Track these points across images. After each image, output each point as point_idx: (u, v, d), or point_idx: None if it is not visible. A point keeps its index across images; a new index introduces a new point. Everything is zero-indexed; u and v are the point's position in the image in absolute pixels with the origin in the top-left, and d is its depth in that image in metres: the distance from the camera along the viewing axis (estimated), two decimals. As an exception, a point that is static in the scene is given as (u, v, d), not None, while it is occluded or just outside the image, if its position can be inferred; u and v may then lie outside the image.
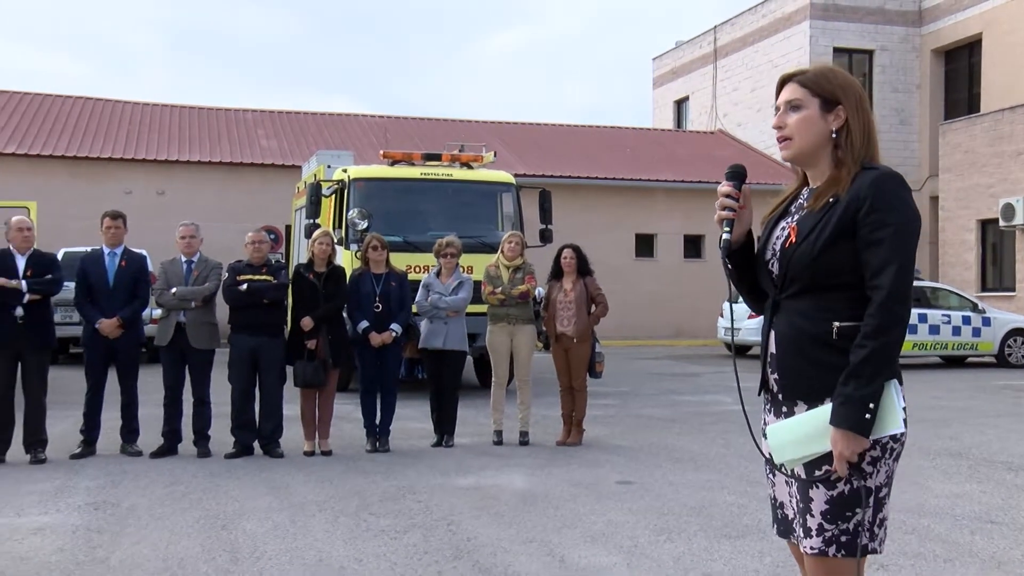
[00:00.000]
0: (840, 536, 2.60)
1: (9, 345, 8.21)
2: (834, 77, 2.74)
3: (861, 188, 2.60)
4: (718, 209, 2.80)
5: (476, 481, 7.48)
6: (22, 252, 8.37)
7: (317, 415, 8.67)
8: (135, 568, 5.11)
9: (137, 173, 23.72)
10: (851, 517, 2.60)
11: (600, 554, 5.42)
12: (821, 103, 2.71)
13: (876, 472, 2.60)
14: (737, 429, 10.10)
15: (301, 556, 5.34)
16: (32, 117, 25.73)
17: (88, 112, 26.84)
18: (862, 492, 2.59)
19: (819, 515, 2.62)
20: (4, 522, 6.15)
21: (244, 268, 8.55)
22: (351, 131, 27.78)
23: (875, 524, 2.63)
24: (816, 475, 2.62)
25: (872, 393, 2.52)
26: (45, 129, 25.04)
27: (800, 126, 2.72)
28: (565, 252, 9.39)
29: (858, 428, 2.51)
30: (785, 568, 5.04)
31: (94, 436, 8.51)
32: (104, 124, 26.11)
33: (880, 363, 2.52)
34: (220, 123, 27.59)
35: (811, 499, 2.63)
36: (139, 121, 26.76)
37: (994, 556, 5.46)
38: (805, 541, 2.65)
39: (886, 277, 2.53)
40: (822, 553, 2.62)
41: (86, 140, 24.72)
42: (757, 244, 2.86)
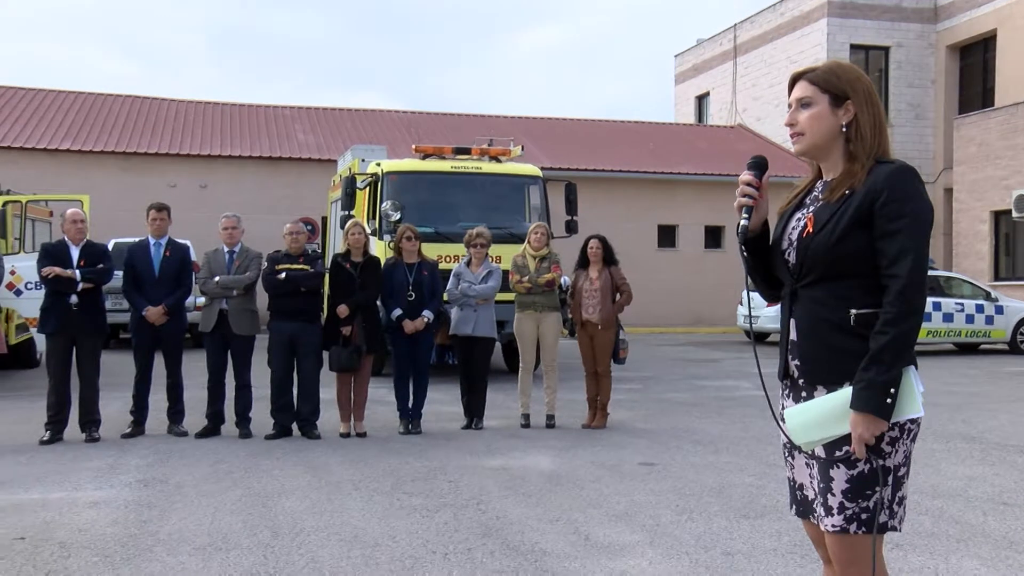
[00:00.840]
0: (860, 514, 2.60)
1: (65, 331, 8.32)
2: (843, 73, 2.72)
3: (877, 181, 2.59)
4: (738, 196, 2.80)
5: (504, 462, 7.49)
6: (76, 243, 8.46)
7: (352, 398, 8.70)
8: (183, 542, 5.16)
9: (181, 167, 23.87)
10: (871, 496, 2.59)
11: (623, 533, 5.42)
12: (831, 99, 2.70)
13: (895, 452, 2.61)
14: (756, 413, 10.07)
15: (338, 532, 5.37)
16: (85, 115, 25.97)
17: (136, 110, 27.05)
18: (880, 471, 2.59)
19: (840, 494, 2.61)
20: (63, 496, 6.24)
21: (282, 258, 8.59)
22: (384, 126, 27.81)
23: (894, 502, 2.63)
24: (836, 455, 2.61)
25: (893, 378, 2.52)
26: (97, 126, 25.27)
27: (811, 122, 2.72)
28: (592, 242, 9.36)
29: (879, 412, 2.52)
30: (802, 547, 5.02)
31: (143, 417, 8.60)
32: (151, 121, 26.31)
33: (900, 349, 2.52)
34: (259, 119, 27.71)
35: (832, 479, 2.63)
36: (183, 118, 26.94)
37: (1006, 536, 5.42)
38: (826, 519, 2.65)
39: (903, 266, 2.53)
40: (843, 530, 2.62)
41: (134, 136, 24.92)
42: (773, 234, 2.86)
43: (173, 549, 5.03)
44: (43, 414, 8.38)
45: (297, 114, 28.62)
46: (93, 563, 4.81)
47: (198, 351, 9.06)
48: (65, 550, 5.04)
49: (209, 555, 4.92)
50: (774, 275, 2.87)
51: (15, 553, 5.00)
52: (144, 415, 8.60)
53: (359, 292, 8.60)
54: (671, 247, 26.97)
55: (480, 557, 4.91)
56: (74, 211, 8.76)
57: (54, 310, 8.33)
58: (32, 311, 9.99)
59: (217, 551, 5.00)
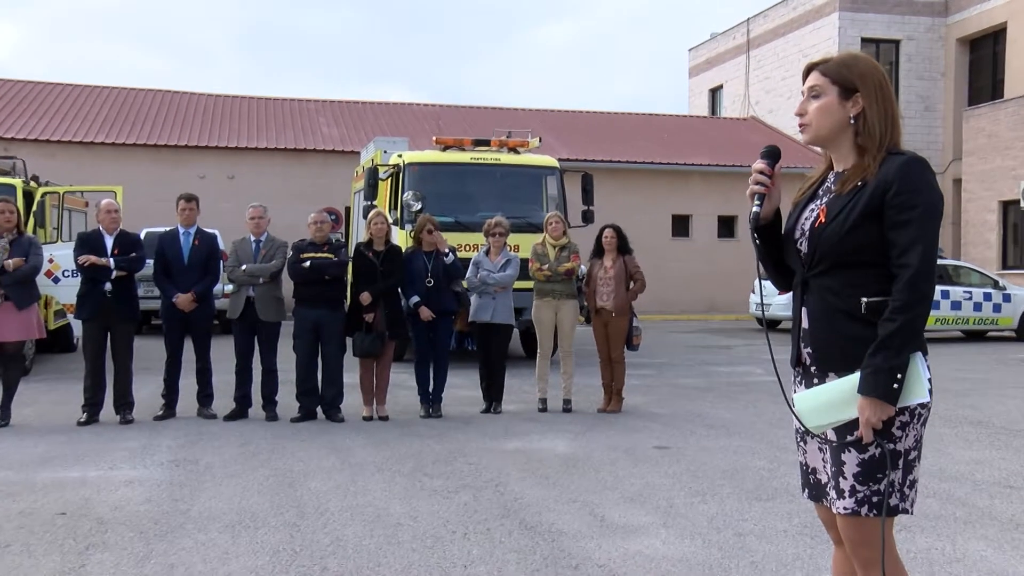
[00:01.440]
0: (871, 497, 2.59)
1: (99, 317, 8.38)
2: (855, 65, 2.69)
3: (889, 172, 2.57)
4: (751, 184, 2.79)
5: (522, 445, 7.49)
6: (110, 232, 8.51)
7: (375, 383, 8.72)
8: (212, 520, 5.19)
9: (210, 159, 23.96)
10: (881, 479, 2.58)
11: (638, 514, 5.41)
12: (840, 91, 2.67)
13: (905, 436, 2.59)
14: (767, 398, 10.03)
15: (361, 512, 5.39)
16: (118, 110, 26.10)
17: (167, 104, 27.16)
18: (891, 455, 2.57)
19: (851, 477, 2.60)
20: (100, 474, 6.31)
21: (307, 247, 8.60)
22: (406, 119, 27.81)
23: (905, 485, 2.61)
24: (848, 440, 2.60)
25: (900, 364, 2.51)
26: (129, 120, 25.40)
27: (818, 113, 2.69)
28: (606, 232, 9.35)
29: (886, 397, 2.50)
30: (812, 528, 5.00)
31: (174, 400, 8.65)
32: (181, 114, 26.42)
33: (908, 336, 2.51)
34: (285, 112, 27.77)
35: (843, 463, 2.62)
36: (212, 111, 27.03)
37: (1012, 519, 5.39)
38: (838, 502, 2.64)
39: (913, 256, 2.51)
40: (854, 513, 2.61)
41: (165, 129, 25.04)
42: (786, 224, 2.84)
43: (203, 527, 5.07)
44: (80, 396, 8.46)
45: (321, 107, 28.66)
46: (129, 538, 4.85)
47: (226, 337, 9.11)
48: (103, 526, 5.09)
49: (237, 533, 4.96)
50: (785, 263, 2.86)
51: (57, 527, 5.05)
52: (175, 398, 8.66)
53: (381, 280, 8.61)
54: (685, 236, 26.89)
55: (499, 537, 4.92)
56: (108, 201, 8.81)
57: (90, 297, 8.39)
58: (69, 298, 10.06)
59: (245, 529, 5.03)
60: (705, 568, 4.44)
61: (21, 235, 8.46)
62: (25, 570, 4.39)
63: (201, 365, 8.72)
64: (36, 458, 6.85)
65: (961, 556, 4.67)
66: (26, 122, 24.17)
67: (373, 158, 14.40)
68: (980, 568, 4.49)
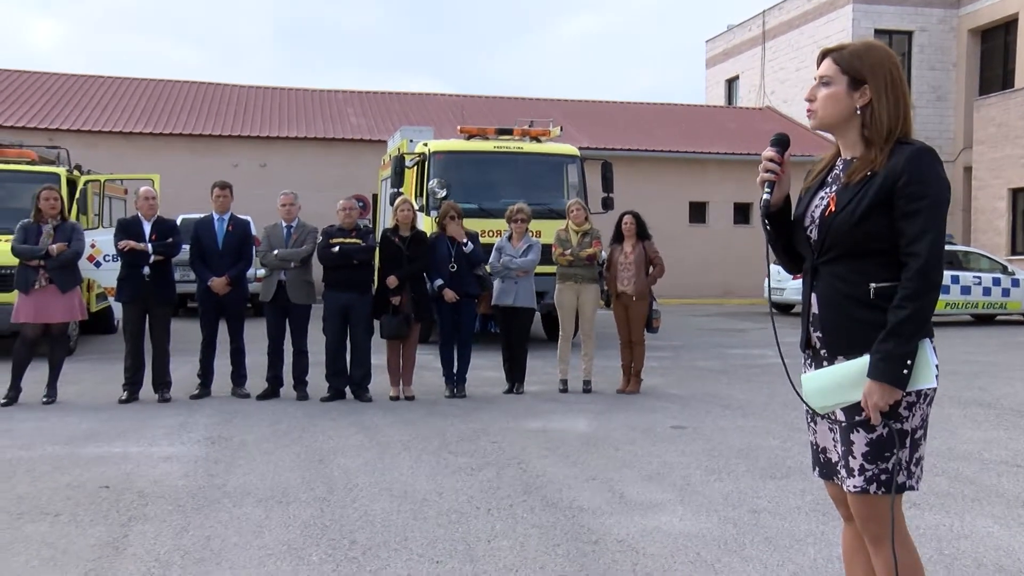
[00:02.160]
0: (880, 475, 2.58)
1: (138, 300, 8.44)
2: (867, 55, 2.63)
3: (898, 163, 2.53)
4: (761, 172, 2.76)
5: (544, 425, 7.49)
6: (148, 218, 8.56)
7: (401, 364, 8.74)
8: (246, 495, 5.23)
9: (243, 148, 24.05)
10: (889, 457, 2.57)
11: (656, 491, 5.40)
12: (849, 81, 2.62)
13: (912, 416, 2.58)
14: (781, 380, 9.90)
15: (389, 489, 5.40)
16: (156, 101, 26.24)
17: (202, 95, 27.26)
18: (898, 435, 2.56)
19: (860, 456, 2.59)
20: (140, 450, 6.37)
21: (336, 232, 8.61)
22: (431, 109, 27.77)
23: (912, 463, 2.60)
24: (856, 420, 2.59)
25: (910, 351, 2.49)
26: (167, 110, 25.53)
27: (825, 101, 2.65)
28: (626, 218, 9.31)
29: (896, 382, 2.49)
30: (824, 505, 4.97)
31: (209, 380, 8.71)
32: (215, 105, 26.51)
33: (918, 323, 2.49)
34: (315, 103, 27.80)
35: (852, 442, 2.61)
36: (245, 102, 27.11)
37: (1019, 496, 5.35)
38: (848, 480, 2.63)
39: (923, 245, 2.49)
40: (863, 491, 2.60)
41: (200, 119, 25.14)
42: (795, 211, 2.81)
43: (238, 501, 5.10)
44: (121, 376, 8.54)
45: (350, 98, 28.66)
46: (168, 511, 4.90)
47: (258, 319, 9.15)
48: (143, 499, 5.14)
49: (270, 507, 4.99)
50: (794, 248, 2.83)
51: (101, 500, 5.11)
52: (210, 378, 8.72)
53: (407, 264, 8.61)
54: (701, 223, 26.75)
55: (521, 513, 4.92)
56: (146, 189, 8.86)
57: (129, 281, 8.45)
58: (110, 281, 10.13)
59: (277, 504, 5.06)
60: (720, 543, 4.42)
61: (64, 221, 8.54)
62: (73, 538, 4.45)
63: (235, 346, 8.77)
64: (81, 434, 6.92)
65: (969, 532, 4.64)
66: (69, 113, 24.36)
67: (400, 147, 14.39)
68: (987, 544, 4.46)
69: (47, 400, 8.21)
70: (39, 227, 8.31)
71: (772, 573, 4.03)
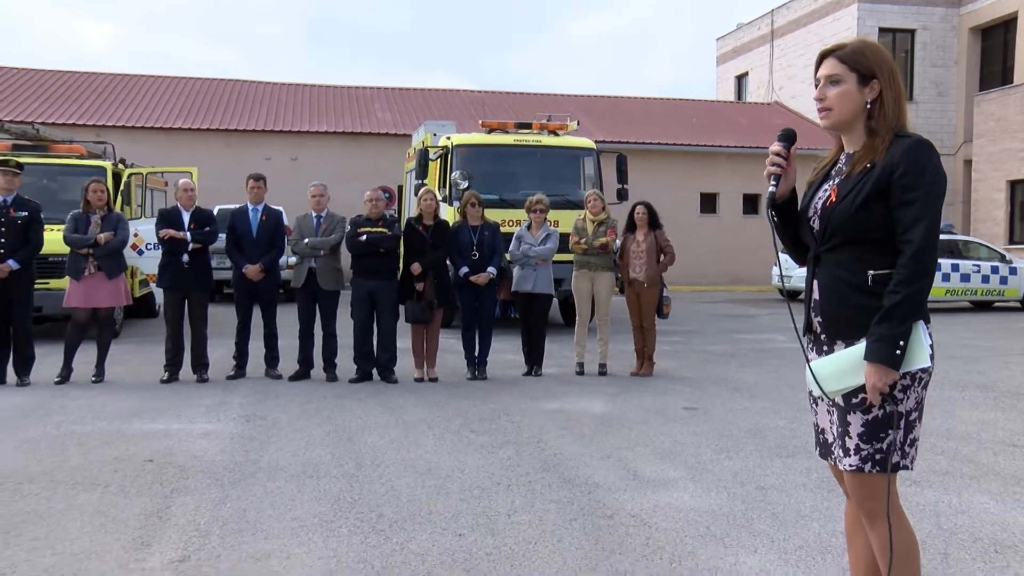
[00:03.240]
0: (875, 455, 2.57)
1: (178, 286, 8.49)
2: (870, 52, 2.62)
3: (896, 154, 2.52)
4: (768, 165, 2.74)
5: (561, 405, 7.49)
6: (187, 209, 8.60)
7: (425, 347, 8.75)
8: (279, 470, 5.26)
9: (275, 142, 24.10)
10: (884, 438, 2.56)
11: (668, 469, 5.39)
12: (858, 77, 2.60)
13: (906, 398, 2.56)
14: (788, 363, 9.93)
15: (413, 465, 5.42)
16: (194, 98, 26.33)
17: (237, 92, 27.32)
18: (894, 416, 2.55)
19: (856, 437, 2.58)
20: (180, 427, 6.42)
21: (363, 222, 8.61)
22: (454, 104, 27.71)
23: (906, 444, 2.59)
24: (853, 402, 2.58)
25: (903, 332, 2.48)
26: (204, 107, 25.61)
27: (839, 99, 2.62)
28: (638, 208, 9.27)
29: (890, 363, 2.47)
30: (828, 483, 4.96)
31: (244, 361, 8.76)
32: (249, 102, 26.56)
33: (910, 307, 2.48)
34: (343, 99, 27.80)
35: (849, 423, 2.60)
36: (277, 98, 27.14)
37: (1014, 474, 5.31)
38: (844, 460, 2.62)
39: (917, 233, 2.47)
40: (859, 470, 2.59)
41: (235, 115, 25.21)
42: (800, 203, 2.79)
43: (272, 476, 5.14)
44: (162, 357, 8.60)
45: (376, 94, 28.65)
46: (207, 484, 4.94)
47: (290, 304, 9.19)
48: (184, 472, 5.18)
49: (302, 482, 5.01)
50: (800, 239, 2.82)
51: (146, 473, 5.17)
52: (245, 360, 8.77)
53: (431, 252, 8.61)
54: (712, 213, 26.61)
55: (539, 489, 4.92)
56: (185, 181, 8.90)
57: (169, 268, 8.50)
58: (152, 268, 10.20)
59: (309, 479, 5.08)
60: (730, 519, 4.41)
61: (111, 212, 8.61)
62: (121, 508, 4.50)
63: (268, 330, 8.81)
64: (126, 411, 6.99)
65: (966, 508, 4.61)
66: (115, 111, 24.50)
67: (424, 140, 14.37)
68: (983, 519, 4.44)
69: (96, 379, 8.29)
70: (88, 217, 8.42)
71: (778, 547, 4.02)
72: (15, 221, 8.07)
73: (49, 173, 12.25)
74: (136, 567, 3.73)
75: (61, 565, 3.75)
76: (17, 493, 4.78)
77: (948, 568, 3.78)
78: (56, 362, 8.47)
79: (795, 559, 3.87)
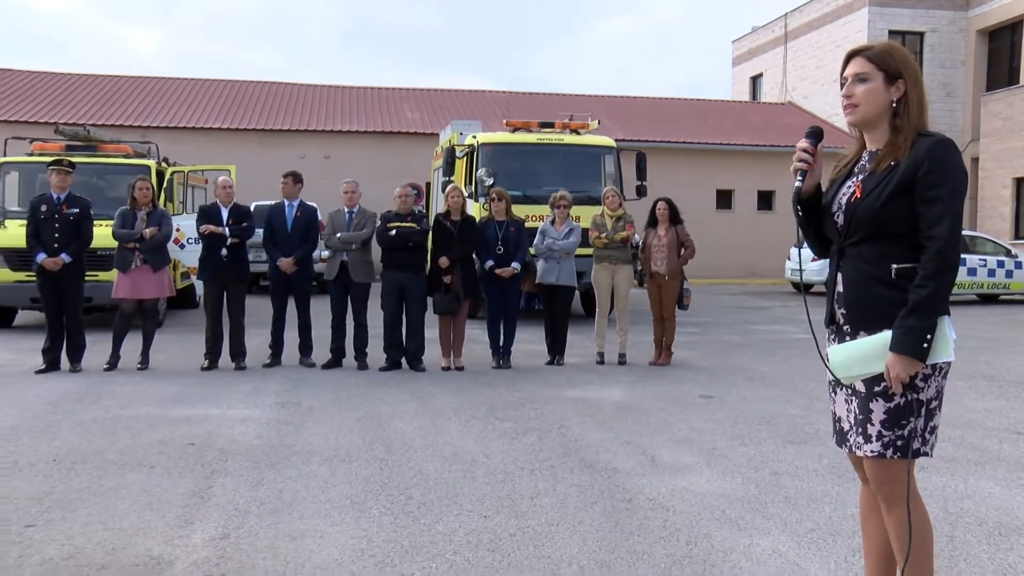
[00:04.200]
0: (896, 441, 2.54)
1: (217, 278, 8.55)
2: (896, 53, 2.61)
3: (920, 152, 2.49)
4: (795, 161, 2.71)
5: (582, 393, 7.47)
6: (225, 205, 8.66)
7: (452, 337, 8.75)
8: (313, 454, 5.29)
9: (309, 141, 24.18)
10: (906, 425, 2.54)
11: (684, 455, 5.37)
12: (885, 76, 2.58)
13: (927, 387, 2.54)
14: (800, 353, 9.85)
15: (440, 450, 5.43)
16: (232, 99, 26.48)
17: (273, 93, 27.44)
18: (915, 404, 2.53)
19: (878, 424, 2.56)
20: (219, 412, 6.47)
21: (393, 217, 8.62)
22: (479, 104, 27.67)
23: (926, 431, 2.57)
24: (876, 390, 2.55)
25: (930, 326, 2.46)
26: (241, 108, 25.74)
27: (866, 96, 2.60)
28: (659, 204, 9.22)
29: (916, 355, 2.45)
30: (839, 468, 4.94)
31: (279, 350, 8.80)
32: (284, 103, 26.67)
33: (936, 301, 2.45)
34: (374, 100, 27.84)
35: (871, 411, 2.57)
36: (311, 99, 27.23)
37: (1019, 461, 5.27)
38: (865, 446, 2.59)
39: (942, 229, 2.45)
40: (880, 455, 2.57)
41: (271, 116, 25.31)
42: (824, 198, 2.76)
43: (306, 459, 5.17)
44: (202, 346, 8.67)
45: (405, 95, 28.66)
46: (245, 467, 4.98)
47: (323, 296, 9.22)
48: (223, 455, 5.23)
49: (334, 465, 5.04)
50: (823, 233, 2.79)
51: (188, 455, 5.23)
52: (280, 349, 8.81)
53: (457, 246, 8.61)
54: (728, 209, 26.41)
55: (561, 473, 4.92)
56: (224, 178, 8.95)
57: (209, 261, 8.56)
58: (193, 262, 10.29)
59: (341, 462, 5.11)
60: (744, 502, 4.39)
61: (155, 208, 8.70)
62: (166, 487, 4.56)
63: (302, 321, 8.85)
64: (169, 397, 7.06)
65: (972, 493, 4.58)
66: (159, 112, 24.71)
67: (451, 139, 14.37)
68: (988, 504, 4.41)
69: (141, 366, 8.38)
70: (134, 213, 8.54)
71: (791, 530, 3.99)
72: (67, 217, 8.18)
73: (98, 172, 12.38)
74: (180, 543, 3.77)
75: (112, 539, 3.81)
76: (72, 471, 4.87)
77: (955, 550, 3.75)
78: (105, 350, 8.57)
79: (807, 541, 3.85)
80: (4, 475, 4.80)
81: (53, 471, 4.88)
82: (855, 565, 3.57)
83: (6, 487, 4.57)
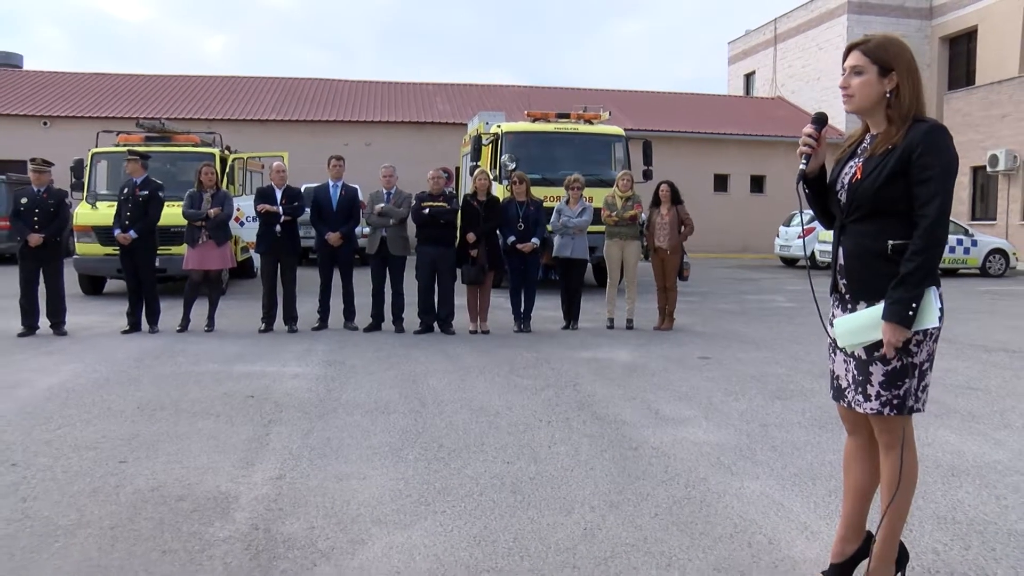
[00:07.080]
0: (893, 400, 2.52)
1: (272, 252, 8.59)
2: (891, 47, 2.50)
3: (915, 137, 2.42)
4: (800, 145, 2.64)
5: (594, 354, 7.45)
6: (279, 187, 8.66)
7: (478, 304, 8.75)
8: (356, 407, 5.32)
9: (352, 130, 24.15)
10: (901, 386, 2.51)
11: (685, 409, 5.34)
12: (879, 69, 2.49)
13: (920, 352, 2.50)
14: (787, 320, 9.76)
15: (468, 404, 5.44)
16: (285, 94, 26.46)
17: (321, 89, 27.39)
18: (909, 367, 2.50)
19: (877, 385, 2.52)
20: (275, 369, 6.52)
21: (427, 197, 8.59)
22: (504, 97, 27.46)
23: (919, 390, 2.54)
24: (875, 355, 2.52)
25: (916, 296, 2.40)
26: (293, 102, 25.73)
27: (861, 88, 2.51)
28: (662, 187, 9.12)
29: (903, 322, 2.40)
30: (820, 420, 4.93)
31: (326, 316, 8.83)
32: (330, 96, 26.61)
33: (924, 273, 2.39)
34: (410, 93, 27.71)
35: (871, 373, 2.53)
36: (354, 93, 27.16)
37: (971, 412, 5.28)
38: (865, 404, 2.56)
39: (932, 207, 2.38)
40: (879, 413, 2.54)
41: (319, 108, 25.29)
42: (829, 177, 2.70)
43: (350, 411, 5.19)
44: (259, 311, 8.73)
45: (438, 89, 28.50)
46: (297, 417, 5.01)
47: (365, 268, 9.23)
48: (279, 407, 5.26)
49: (375, 417, 5.06)
50: (828, 209, 2.73)
51: (248, 406, 5.27)
52: (327, 314, 8.84)
53: (483, 223, 8.57)
54: (723, 191, 26.18)
55: (575, 424, 4.91)
56: (278, 163, 8.95)
57: (265, 236, 8.59)
58: (251, 237, 10.35)
59: (381, 414, 5.13)
60: (736, 450, 4.36)
61: (219, 190, 8.72)
62: (228, 434, 4.60)
63: (346, 289, 8.86)
64: (232, 356, 7.11)
65: (932, 441, 4.57)
66: (222, 106, 24.78)
67: (478, 128, 14.27)
68: (945, 449, 4.44)
69: (207, 329, 8.45)
70: (201, 195, 8.57)
71: (777, 474, 3.97)
72: (139, 199, 8.27)
73: (171, 159, 12.44)
74: (244, 481, 3.81)
75: (188, 476, 3.87)
76: (153, 418, 4.94)
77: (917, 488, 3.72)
78: (177, 314, 8.66)
79: (791, 484, 3.83)
80: (102, 419, 4.90)
81: (138, 417, 4.96)
82: (832, 504, 3.55)
83: (104, 429, 4.68)
